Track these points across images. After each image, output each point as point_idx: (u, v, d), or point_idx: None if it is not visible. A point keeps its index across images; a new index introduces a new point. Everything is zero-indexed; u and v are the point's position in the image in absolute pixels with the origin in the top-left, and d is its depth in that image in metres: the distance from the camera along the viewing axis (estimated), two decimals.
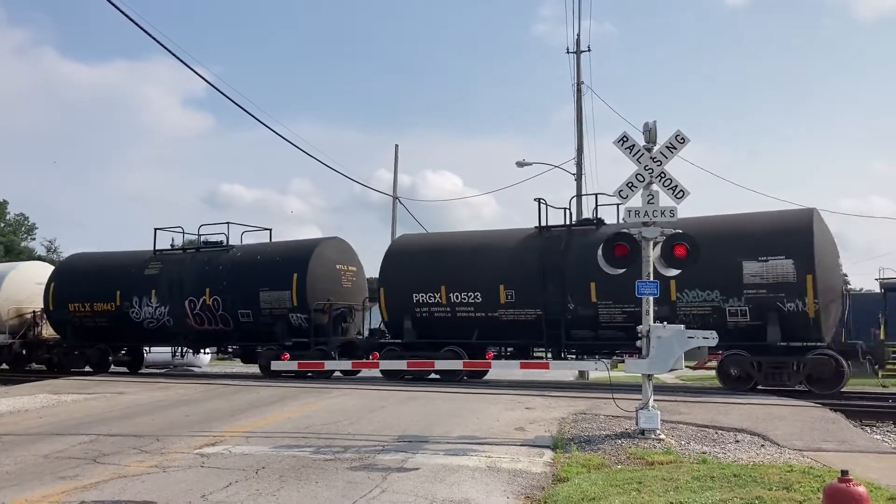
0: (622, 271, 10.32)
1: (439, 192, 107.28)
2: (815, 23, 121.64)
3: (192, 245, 22.99)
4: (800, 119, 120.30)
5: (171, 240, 23.73)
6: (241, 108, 30.82)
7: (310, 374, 18.90)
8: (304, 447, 8.95)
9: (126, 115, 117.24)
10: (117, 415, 12.44)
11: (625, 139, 10.11)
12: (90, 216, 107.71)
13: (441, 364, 16.24)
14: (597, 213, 18.40)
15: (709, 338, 9.85)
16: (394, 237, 32.08)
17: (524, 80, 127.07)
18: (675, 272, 10.43)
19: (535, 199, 18.57)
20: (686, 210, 11.08)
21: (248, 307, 20.48)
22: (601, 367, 11.68)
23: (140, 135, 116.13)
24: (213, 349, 24.70)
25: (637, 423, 9.61)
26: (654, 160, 9.95)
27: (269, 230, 23.19)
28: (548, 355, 18.22)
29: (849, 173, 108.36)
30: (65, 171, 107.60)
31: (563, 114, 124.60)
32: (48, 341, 24.73)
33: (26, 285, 25.12)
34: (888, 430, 12.24)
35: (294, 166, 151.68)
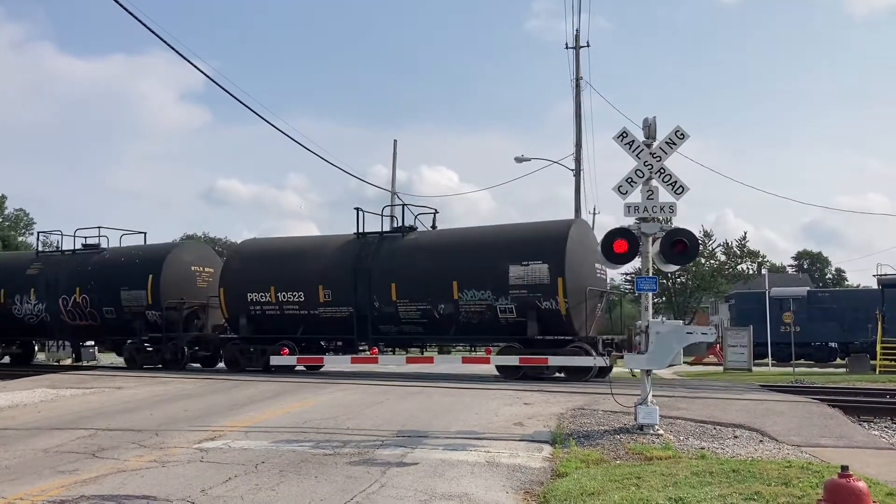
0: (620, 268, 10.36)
1: (435, 188, 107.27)
2: (808, 18, 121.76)
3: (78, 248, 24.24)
4: (796, 116, 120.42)
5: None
6: (238, 100, 30.85)
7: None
8: (303, 442, 8.96)
9: (123, 109, 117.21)
10: (116, 409, 12.44)
11: (625, 135, 10.10)
12: (88, 212, 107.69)
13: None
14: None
15: (707, 333, 9.88)
16: None
17: (519, 76, 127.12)
18: (674, 268, 10.45)
19: (354, 208, 20.48)
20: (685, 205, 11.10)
21: (111, 305, 22.29)
22: (600, 362, 11.68)
23: (137, 129, 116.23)
24: (92, 343, 26.53)
25: (636, 419, 9.60)
26: (654, 156, 9.94)
27: (144, 233, 24.56)
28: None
29: (845, 170, 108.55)
30: (61, 166, 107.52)
31: (561, 110, 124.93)
32: None
33: None
34: (886, 426, 12.29)
35: (291, 162, 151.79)
